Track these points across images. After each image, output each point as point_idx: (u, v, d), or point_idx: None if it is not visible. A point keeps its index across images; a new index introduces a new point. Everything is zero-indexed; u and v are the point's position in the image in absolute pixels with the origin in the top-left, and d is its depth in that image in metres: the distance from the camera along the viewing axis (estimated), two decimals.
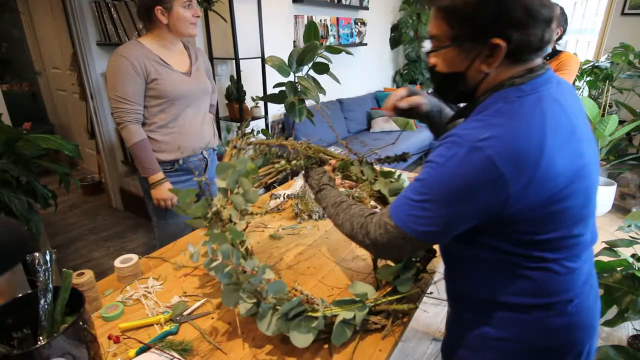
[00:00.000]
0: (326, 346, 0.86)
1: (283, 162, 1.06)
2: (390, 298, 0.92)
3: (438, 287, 1.62)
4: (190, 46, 1.65)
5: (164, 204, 1.56)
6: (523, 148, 0.58)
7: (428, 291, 1.04)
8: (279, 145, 1.09)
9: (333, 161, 1.05)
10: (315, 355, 0.83)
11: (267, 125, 3.09)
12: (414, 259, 0.99)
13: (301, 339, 0.79)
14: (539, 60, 0.66)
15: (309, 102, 1.44)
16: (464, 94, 0.71)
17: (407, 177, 1.15)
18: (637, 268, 1.42)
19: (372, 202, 1.11)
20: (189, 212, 0.93)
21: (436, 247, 1.00)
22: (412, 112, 0.91)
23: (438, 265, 1.09)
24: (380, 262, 1.06)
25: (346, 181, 1.78)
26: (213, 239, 0.84)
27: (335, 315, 0.83)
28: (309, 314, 0.82)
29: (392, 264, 0.99)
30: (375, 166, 1.09)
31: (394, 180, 1.05)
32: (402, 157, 1.08)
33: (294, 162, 1.05)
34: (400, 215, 0.68)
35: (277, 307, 0.81)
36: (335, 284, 1.08)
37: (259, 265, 0.81)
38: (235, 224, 0.91)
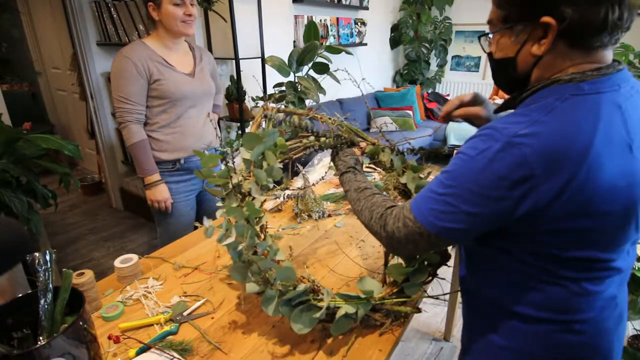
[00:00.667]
0: (326, 346, 0.86)
1: (312, 137, 1.02)
2: (395, 300, 0.91)
3: (442, 286, 1.62)
4: (196, 47, 1.65)
5: (158, 205, 1.57)
6: (563, 149, 0.53)
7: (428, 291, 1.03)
8: (310, 118, 1.04)
9: (363, 144, 1.01)
10: (315, 355, 0.83)
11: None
12: (426, 263, 0.93)
13: (301, 325, 0.81)
14: (609, 55, 0.59)
15: (308, 102, 1.44)
16: (516, 81, 0.65)
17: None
18: (637, 268, 1.42)
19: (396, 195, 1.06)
20: (210, 180, 0.92)
21: (451, 251, 0.97)
22: (471, 120, 0.87)
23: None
24: (392, 260, 1.03)
25: None
26: (229, 212, 0.83)
27: (338, 307, 0.83)
28: (313, 303, 0.83)
29: (403, 263, 0.95)
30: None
31: (422, 177, 1.00)
32: (436, 152, 1.03)
33: (323, 139, 1.00)
34: (421, 209, 0.64)
35: (283, 292, 0.80)
36: (337, 280, 1.08)
37: (271, 246, 0.82)
38: (254, 199, 0.89)
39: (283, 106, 1.07)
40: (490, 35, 0.66)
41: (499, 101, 2.03)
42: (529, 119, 0.55)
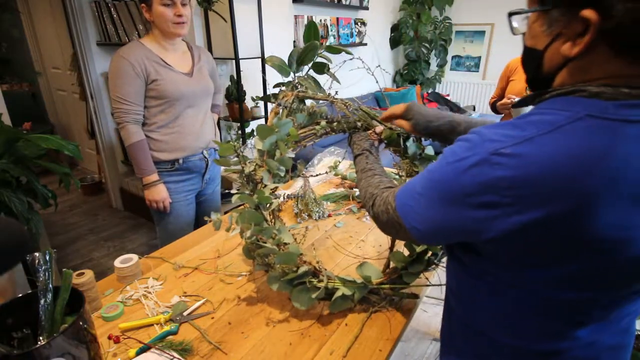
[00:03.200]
0: (326, 346, 0.86)
1: (323, 122, 1.03)
2: (392, 286, 0.96)
3: (442, 286, 1.62)
4: (195, 46, 1.65)
5: (156, 205, 1.57)
6: (549, 181, 0.43)
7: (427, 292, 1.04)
8: (328, 103, 1.06)
9: (379, 129, 1.00)
10: (315, 354, 0.83)
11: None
12: (430, 253, 0.96)
13: (301, 301, 0.90)
14: None
15: (309, 102, 1.44)
16: (538, 80, 0.55)
17: None
18: None
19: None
20: (226, 169, 1.02)
21: None
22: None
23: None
24: (397, 246, 1.05)
25: (346, 181, 1.78)
26: (242, 198, 0.93)
27: (337, 288, 0.90)
28: (313, 284, 0.89)
29: (406, 252, 0.99)
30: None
31: None
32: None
33: (335, 123, 1.02)
34: (402, 202, 0.62)
35: (286, 272, 0.89)
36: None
37: (279, 229, 0.91)
38: (265, 186, 0.95)
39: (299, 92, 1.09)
40: (527, 15, 0.53)
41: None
42: (521, 135, 0.46)
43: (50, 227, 2.97)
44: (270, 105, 3.05)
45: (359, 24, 4.09)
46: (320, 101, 1.08)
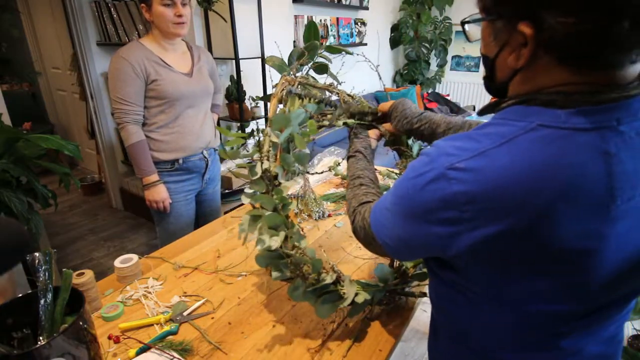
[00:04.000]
0: (326, 346, 0.86)
1: (329, 115, 0.98)
2: (405, 286, 0.97)
3: None
4: (194, 46, 1.65)
5: (156, 206, 1.57)
6: (505, 194, 0.43)
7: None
8: (329, 92, 1.02)
9: (387, 126, 0.94)
10: (315, 354, 0.83)
11: (267, 125, 3.09)
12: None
13: (324, 311, 0.85)
14: (629, 75, 0.43)
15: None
16: (495, 89, 0.55)
17: None
18: None
19: None
20: (237, 168, 0.93)
21: None
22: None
23: None
24: None
25: (346, 181, 1.78)
26: (259, 199, 0.84)
27: (357, 294, 0.87)
28: (338, 293, 0.85)
29: None
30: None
31: None
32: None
33: (341, 121, 0.96)
34: (374, 217, 0.62)
35: (313, 283, 0.83)
36: None
37: (297, 232, 0.84)
38: (280, 184, 0.86)
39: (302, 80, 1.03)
40: (474, 24, 0.53)
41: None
42: (476, 147, 0.46)
43: (50, 227, 2.97)
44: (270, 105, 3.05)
45: (359, 24, 4.09)
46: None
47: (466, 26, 0.53)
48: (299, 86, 1.00)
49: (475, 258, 0.48)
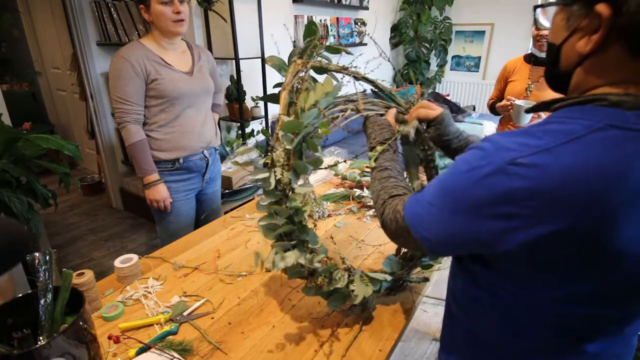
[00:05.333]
0: (325, 346, 0.86)
1: (345, 111, 0.92)
2: (411, 274, 1.03)
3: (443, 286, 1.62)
4: (194, 45, 1.65)
5: (157, 205, 1.57)
6: (569, 193, 0.42)
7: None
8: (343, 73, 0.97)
9: (414, 114, 0.91)
10: (315, 354, 0.83)
11: (267, 125, 3.09)
12: None
13: (336, 304, 0.90)
14: None
15: None
16: (556, 78, 0.53)
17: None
18: None
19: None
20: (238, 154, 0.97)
21: None
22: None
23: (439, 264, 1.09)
24: None
25: (346, 181, 1.78)
26: (276, 209, 0.81)
27: (367, 285, 0.92)
28: (350, 289, 0.89)
29: None
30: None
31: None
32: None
33: (355, 111, 0.91)
34: (412, 211, 0.61)
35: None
36: None
37: (312, 236, 0.87)
38: (293, 191, 0.83)
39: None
40: (553, 8, 0.52)
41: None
42: (539, 144, 0.44)
43: (50, 227, 2.97)
44: (270, 106, 3.05)
45: (359, 24, 4.09)
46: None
47: (538, 11, 0.53)
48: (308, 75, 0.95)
49: (524, 256, 0.47)
